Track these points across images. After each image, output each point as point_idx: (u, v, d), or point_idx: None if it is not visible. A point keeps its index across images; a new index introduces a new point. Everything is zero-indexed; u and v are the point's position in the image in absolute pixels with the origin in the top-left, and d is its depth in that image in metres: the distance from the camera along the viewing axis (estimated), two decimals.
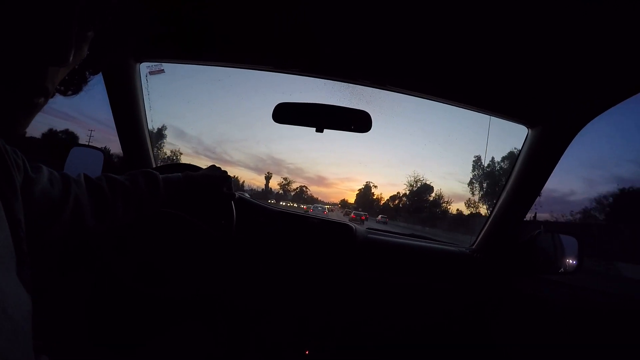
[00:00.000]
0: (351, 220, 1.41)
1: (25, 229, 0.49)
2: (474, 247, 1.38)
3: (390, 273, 1.26)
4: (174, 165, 1.10)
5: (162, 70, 1.20)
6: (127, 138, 1.27)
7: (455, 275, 1.28)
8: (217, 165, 1.04)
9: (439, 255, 1.32)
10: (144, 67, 1.19)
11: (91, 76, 0.56)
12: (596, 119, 1.00)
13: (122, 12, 0.93)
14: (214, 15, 0.90)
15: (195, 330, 1.21)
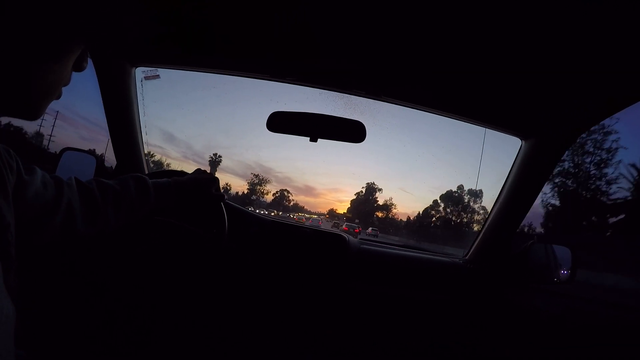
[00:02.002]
0: (343, 232, 1.39)
1: (15, 233, 0.48)
2: (467, 257, 1.37)
3: (383, 283, 1.25)
4: (161, 172, 1.09)
5: (158, 76, 1.20)
6: (120, 143, 1.26)
7: (449, 286, 1.27)
8: (203, 169, 1.03)
9: (432, 266, 1.32)
10: (139, 72, 1.19)
11: None
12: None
13: (119, 17, 0.93)
14: (211, 21, 0.91)
15: (185, 341, 1.18)
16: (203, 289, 1.18)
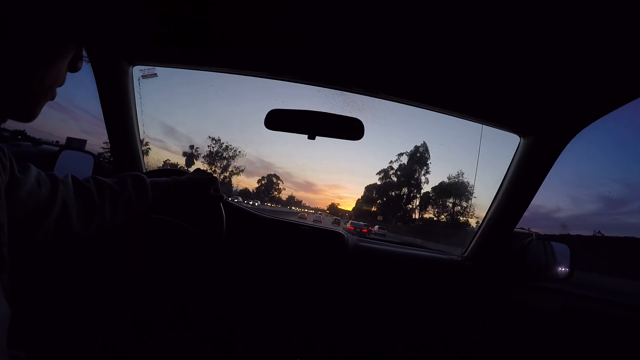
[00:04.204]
0: (348, 232, 1.39)
1: (8, 233, 0.48)
2: (465, 255, 1.37)
3: (381, 281, 1.25)
4: (160, 171, 1.09)
5: (155, 74, 1.20)
6: (117, 142, 1.26)
7: (447, 283, 1.27)
8: (202, 169, 1.03)
9: (431, 263, 1.32)
10: (137, 71, 1.18)
11: None
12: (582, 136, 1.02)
13: (116, 16, 0.92)
14: (209, 20, 0.90)
15: (182, 340, 1.19)
16: (202, 287, 1.18)
